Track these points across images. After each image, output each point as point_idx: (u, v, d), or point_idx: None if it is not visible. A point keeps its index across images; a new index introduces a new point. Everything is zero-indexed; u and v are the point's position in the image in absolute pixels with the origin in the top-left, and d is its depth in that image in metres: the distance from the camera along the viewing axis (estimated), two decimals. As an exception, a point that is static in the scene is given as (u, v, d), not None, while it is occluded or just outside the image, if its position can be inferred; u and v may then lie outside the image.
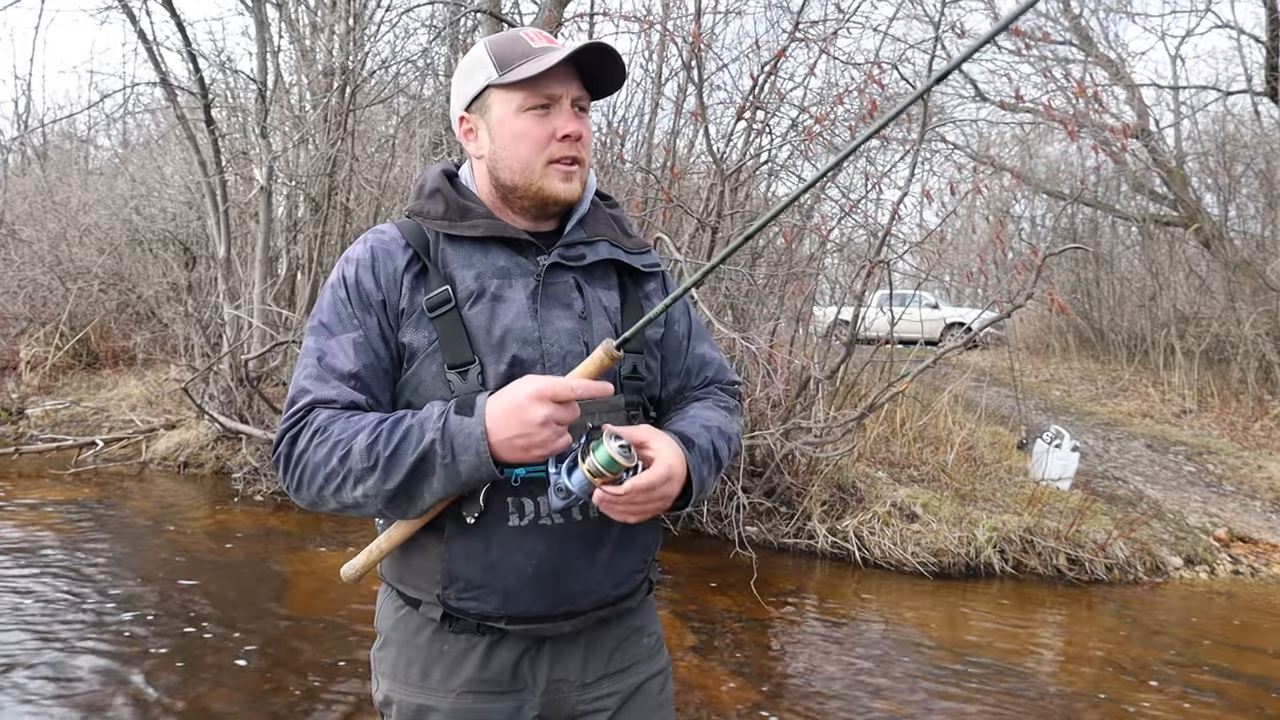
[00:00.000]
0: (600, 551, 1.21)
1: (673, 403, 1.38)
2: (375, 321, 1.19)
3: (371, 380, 1.18)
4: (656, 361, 1.34)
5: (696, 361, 1.40)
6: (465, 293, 1.20)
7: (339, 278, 1.23)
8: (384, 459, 1.07)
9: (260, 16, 7.74)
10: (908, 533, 5.39)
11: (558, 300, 1.23)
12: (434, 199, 1.26)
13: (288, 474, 1.15)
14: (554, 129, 1.20)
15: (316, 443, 1.12)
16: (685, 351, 1.39)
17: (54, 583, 4.24)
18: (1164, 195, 12.87)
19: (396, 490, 1.08)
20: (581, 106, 1.23)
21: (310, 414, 1.15)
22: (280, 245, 8.22)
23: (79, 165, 14.00)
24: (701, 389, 1.40)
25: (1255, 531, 6.26)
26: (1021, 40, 8.30)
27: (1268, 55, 11.29)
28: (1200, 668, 3.99)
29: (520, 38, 1.22)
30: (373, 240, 1.25)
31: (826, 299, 9.26)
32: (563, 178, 1.22)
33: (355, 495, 1.10)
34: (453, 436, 1.05)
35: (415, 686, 1.24)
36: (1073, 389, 11.88)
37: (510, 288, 1.21)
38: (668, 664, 1.39)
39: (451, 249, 1.23)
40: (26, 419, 7.87)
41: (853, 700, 3.45)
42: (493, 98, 1.22)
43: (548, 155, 1.20)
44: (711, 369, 1.42)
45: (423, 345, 1.18)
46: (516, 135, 1.20)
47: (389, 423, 1.10)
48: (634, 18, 6.11)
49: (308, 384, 1.17)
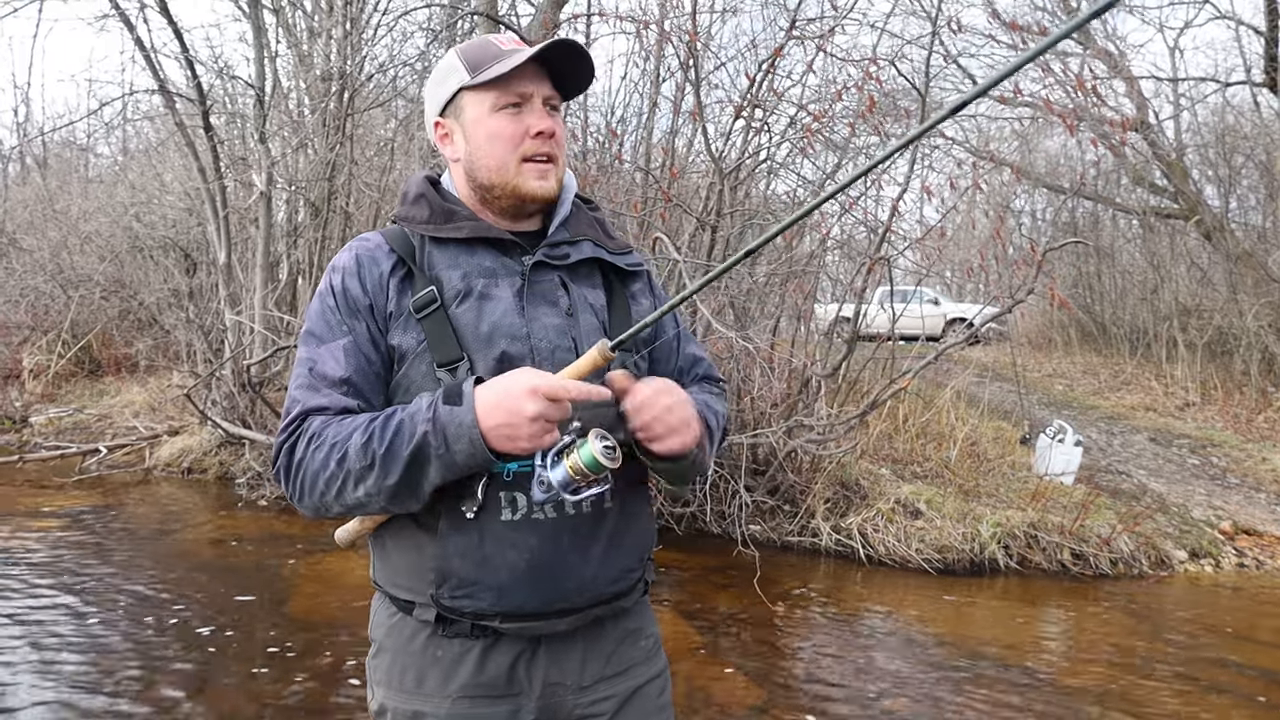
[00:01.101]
0: (594, 546, 1.21)
1: None
2: (364, 326, 1.21)
3: (364, 384, 1.19)
4: (646, 362, 1.35)
5: (688, 361, 1.44)
6: (452, 292, 1.21)
7: (326, 286, 1.24)
8: (380, 456, 1.08)
9: (257, 22, 7.74)
10: (911, 529, 5.38)
11: (544, 298, 1.25)
12: (418, 204, 1.28)
13: (289, 484, 1.17)
14: (527, 126, 1.22)
15: (313, 449, 1.13)
16: (677, 352, 1.43)
17: (58, 589, 4.25)
18: (1164, 188, 12.84)
19: (398, 485, 1.09)
20: (553, 105, 1.26)
21: (304, 423, 1.17)
22: (281, 250, 8.23)
23: (79, 173, 14.03)
24: (691, 385, 1.43)
25: (1260, 524, 6.25)
26: (1019, 34, 8.29)
27: (1266, 46, 11.26)
28: (1206, 661, 3.98)
29: (490, 42, 1.25)
30: (358, 247, 1.27)
31: (827, 296, 9.24)
32: (537, 175, 1.24)
33: (358, 495, 1.11)
34: (444, 427, 1.06)
35: (410, 693, 1.23)
36: (1075, 383, 11.86)
37: (497, 286, 1.23)
38: (666, 666, 1.38)
39: (438, 251, 1.25)
40: (30, 427, 7.89)
41: (858, 697, 3.45)
42: (465, 100, 1.25)
43: (521, 153, 1.23)
44: (701, 368, 1.45)
45: (411, 346, 1.20)
46: (490, 135, 1.23)
47: (380, 420, 1.11)
48: (630, 18, 6.12)
49: (299, 394, 1.19)
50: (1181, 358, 11.16)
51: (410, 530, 1.22)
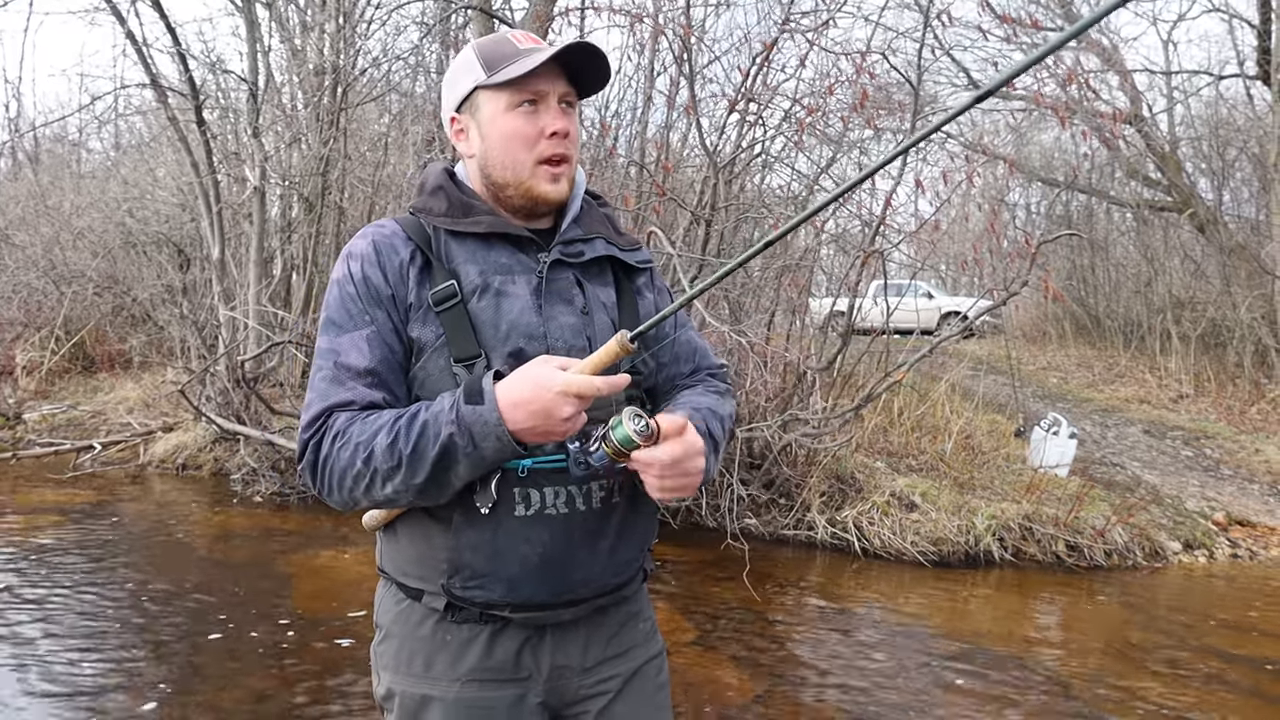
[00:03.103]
0: (602, 541, 1.23)
1: (664, 390, 1.41)
2: (386, 315, 1.20)
3: (388, 375, 1.19)
4: (655, 361, 1.36)
5: (685, 348, 1.44)
6: (470, 287, 1.21)
7: (345, 274, 1.23)
8: (406, 456, 1.08)
9: (250, 16, 7.70)
10: (907, 522, 5.40)
11: (560, 296, 1.25)
12: (436, 196, 1.28)
13: (316, 480, 1.17)
14: (542, 127, 1.22)
15: (339, 447, 1.13)
16: (675, 340, 1.43)
17: (53, 586, 4.24)
18: (1158, 181, 12.88)
19: (426, 483, 1.10)
20: (569, 103, 1.25)
21: (329, 419, 1.16)
22: (274, 245, 8.21)
23: (71, 169, 13.93)
24: (690, 375, 1.43)
25: (1253, 515, 6.29)
26: (1012, 27, 8.29)
27: (1259, 38, 11.29)
28: (1200, 651, 4.00)
29: (507, 39, 1.24)
30: (374, 234, 1.26)
31: (822, 290, 9.26)
32: (550, 179, 1.24)
33: (386, 492, 1.12)
34: (469, 426, 1.07)
35: (418, 677, 1.25)
36: (1070, 376, 11.90)
37: (514, 283, 1.23)
38: (663, 648, 1.42)
39: (455, 245, 1.25)
40: (24, 424, 7.86)
41: (853, 689, 3.46)
42: (481, 98, 1.24)
43: (537, 154, 1.23)
44: (699, 354, 1.46)
45: (430, 340, 1.20)
46: (505, 134, 1.23)
47: (405, 419, 1.11)
48: (624, 11, 6.10)
49: (324, 387, 1.18)
50: (1175, 350, 11.20)
51: (423, 521, 1.22)
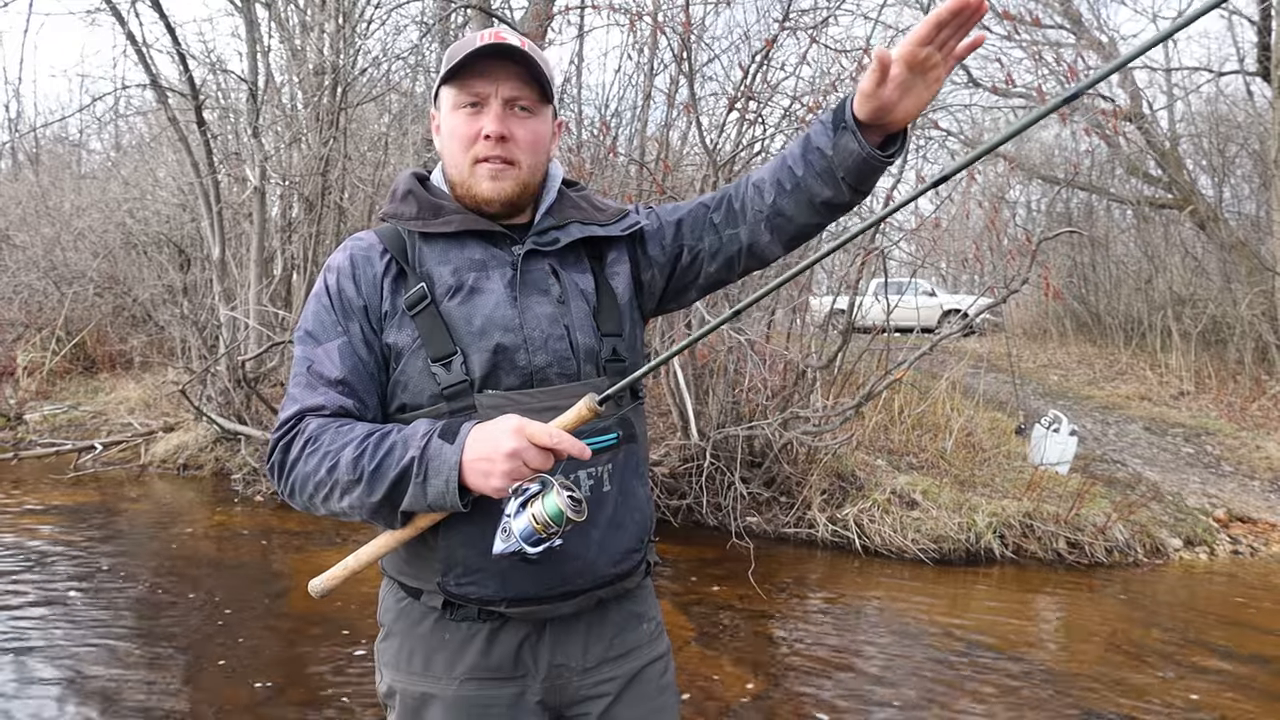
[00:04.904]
0: (593, 530, 1.23)
1: (711, 253, 1.33)
2: (358, 327, 1.23)
3: (358, 384, 1.21)
4: (641, 335, 1.36)
5: (686, 210, 1.36)
6: (443, 288, 1.23)
7: (322, 287, 1.26)
8: (368, 473, 1.09)
9: (250, 16, 7.70)
10: (908, 520, 5.40)
11: (535, 287, 1.26)
12: (406, 201, 1.30)
13: (281, 481, 1.19)
14: (479, 128, 1.22)
15: (308, 452, 1.15)
16: (675, 224, 1.36)
17: (54, 587, 4.25)
18: (1158, 178, 12.87)
19: (380, 503, 1.11)
20: (523, 105, 1.23)
21: (301, 423, 1.19)
22: (275, 245, 8.21)
23: (71, 169, 13.95)
24: (715, 210, 1.33)
25: (1254, 511, 6.28)
26: (1012, 24, 8.28)
27: (1259, 35, 11.27)
28: (1201, 648, 4.01)
29: (475, 37, 1.23)
30: (352, 248, 1.29)
31: (822, 288, 9.25)
32: (490, 176, 1.24)
33: (342, 505, 1.13)
34: (430, 459, 1.08)
35: (418, 675, 1.26)
36: (1070, 373, 11.89)
37: (488, 279, 1.24)
38: (669, 650, 1.41)
39: (427, 247, 1.26)
40: (25, 424, 7.86)
41: (855, 686, 3.46)
42: (442, 95, 1.27)
43: (473, 154, 1.23)
44: (693, 204, 1.37)
45: (407, 344, 1.21)
46: (450, 132, 1.25)
47: (376, 436, 1.13)
48: (623, 10, 6.09)
49: (297, 392, 1.21)
50: (1176, 347, 11.19)
51: None
